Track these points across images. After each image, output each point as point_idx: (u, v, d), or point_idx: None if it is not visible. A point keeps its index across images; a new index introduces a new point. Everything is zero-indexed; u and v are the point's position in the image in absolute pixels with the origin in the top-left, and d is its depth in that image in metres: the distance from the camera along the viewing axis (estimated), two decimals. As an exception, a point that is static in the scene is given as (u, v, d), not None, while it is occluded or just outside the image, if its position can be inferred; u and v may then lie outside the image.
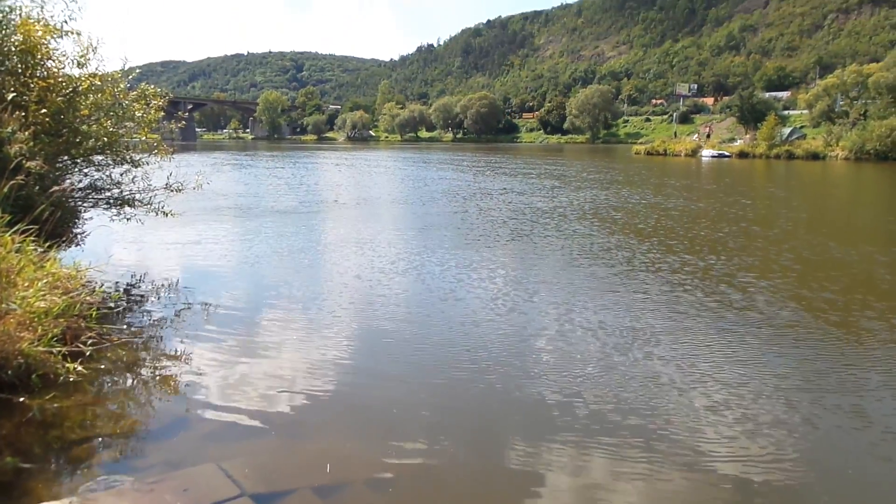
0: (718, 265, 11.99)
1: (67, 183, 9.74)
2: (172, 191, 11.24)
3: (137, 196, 10.98)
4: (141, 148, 10.99)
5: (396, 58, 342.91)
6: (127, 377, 6.49)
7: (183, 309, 8.85)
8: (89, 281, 7.67)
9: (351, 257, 12.64)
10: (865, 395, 6.15)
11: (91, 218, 10.87)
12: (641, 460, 4.93)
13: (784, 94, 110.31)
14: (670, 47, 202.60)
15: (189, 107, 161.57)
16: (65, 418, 5.37)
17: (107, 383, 6.27)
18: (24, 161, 7.54)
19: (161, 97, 11.30)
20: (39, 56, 9.26)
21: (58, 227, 8.30)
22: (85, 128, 9.72)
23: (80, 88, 9.63)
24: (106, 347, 6.55)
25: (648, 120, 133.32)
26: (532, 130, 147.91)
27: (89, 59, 9.89)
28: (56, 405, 5.46)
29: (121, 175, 10.95)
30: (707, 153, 63.69)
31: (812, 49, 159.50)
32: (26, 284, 6.06)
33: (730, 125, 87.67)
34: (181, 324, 8.20)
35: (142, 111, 10.70)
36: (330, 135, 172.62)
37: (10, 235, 6.68)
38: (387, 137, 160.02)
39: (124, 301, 9.03)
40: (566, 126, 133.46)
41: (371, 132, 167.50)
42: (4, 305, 5.61)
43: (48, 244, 7.43)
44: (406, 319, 8.58)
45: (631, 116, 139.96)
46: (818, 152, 57.52)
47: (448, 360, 7.00)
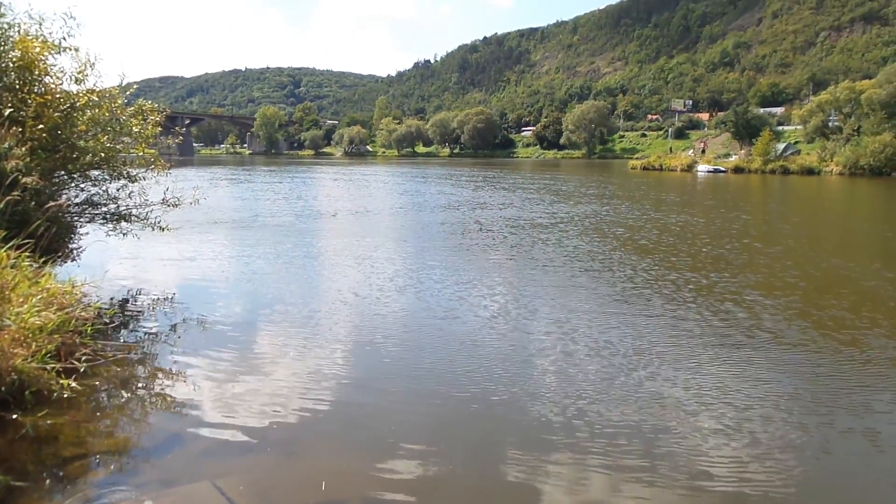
0: (722, 282, 11.81)
1: (64, 198, 9.72)
2: (169, 206, 11.22)
3: (134, 211, 10.97)
4: (138, 163, 10.99)
5: (394, 73, 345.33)
6: (122, 394, 6.44)
7: (178, 325, 8.81)
8: (84, 296, 7.63)
9: (348, 273, 12.61)
10: (878, 418, 6.02)
11: (87, 233, 10.84)
12: (643, 480, 4.88)
13: (778, 110, 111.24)
14: (665, 63, 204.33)
15: (187, 122, 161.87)
16: (58, 435, 5.32)
17: (101, 400, 6.22)
18: (21, 176, 7.53)
19: (158, 112, 11.32)
20: (37, 72, 9.29)
21: (53, 243, 8.27)
22: (82, 143, 9.73)
23: (78, 104, 9.65)
24: (101, 364, 6.50)
25: (644, 135, 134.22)
26: (528, 146, 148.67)
27: (87, 75, 9.93)
28: (50, 422, 5.41)
29: (117, 190, 10.93)
30: (703, 168, 64.05)
31: (805, 66, 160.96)
32: (21, 300, 6.03)
33: (725, 140, 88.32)
34: (177, 340, 8.16)
35: (139, 126, 10.71)
36: (327, 150, 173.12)
37: (6, 251, 6.66)
38: (384, 152, 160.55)
39: (120, 317, 8.98)
40: (562, 141, 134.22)
41: (368, 147, 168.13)
42: (-1, 321, 5.58)
43: (44, 259, 7.40)
44: (403, 336, 8.54)
45: (627, 132, 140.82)
46: (813, 167, 57.91)
47: (446, 378, 6.96)
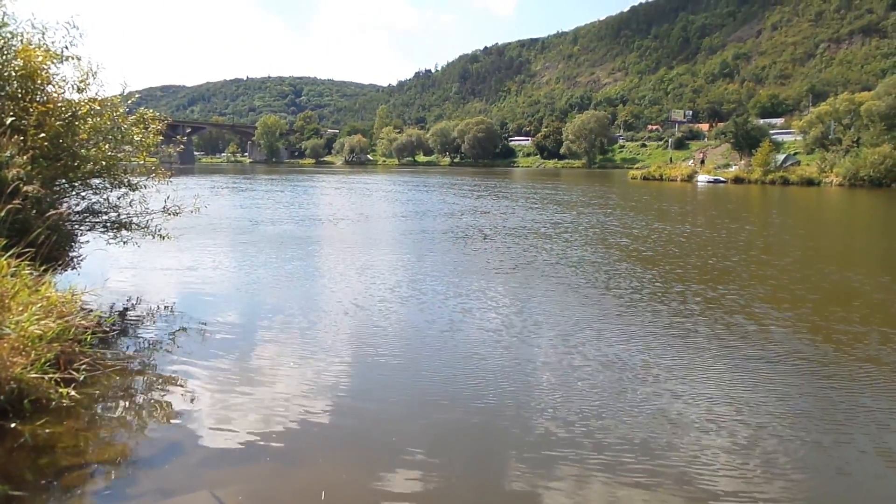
0: (730, 294, 11.63)
1: (65, 206, 9.75)
2: (170, 214, 11.25)
3: (134, 219, 11.00)
4: (139, 171, 11.03)
5: (394, 83, 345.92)
6: (120, 402, 6.42)
7: (178, 334, 8.80)
8: (84, 305, 7.62)
9: (349, 283, 12.59)
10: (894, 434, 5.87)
11: (88, 241, 10.86)
12: (648, 499, 4.83)
13: (778, 121, 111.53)
14: (665, 74, 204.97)
15: (188, 130, 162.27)
16: (57, 444, 5.31)
17: (100, 409, 6.21)
18: (22, 185, 7.54)
19: (160, 121, 11.37)
20: (39, 81, 9.33)
21: (54, 251, 8.27)
22: (83, 152, 9.77)
23: (80, 113, 9.69)
24: (100, 372, 6.49)
25: (644, 145, 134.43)
26: (529, 155, 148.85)
27: (89, 84, 9.98)
28: (48, 431, 5.39)
29: (118, 198, 10.97)
30: (703, 178, 64.12)
31: (805, 77, 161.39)
32: (21, 309, 6.03)
33: (724, 151, 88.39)
34: (176, 348, 8.14)
35: (140, 135, 10.76)
36: (328, 158, 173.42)
37: (6, 259, 6.67)
38: (384, 161, 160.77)
39: (119, 325, 8.98)
40: (563, 151, 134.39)
41: (369, 156, 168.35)
42: (-2, 330, 5.57)
43: (44, 268, 7.40)
44: (404, 346, 8.52)
45: (627, 142, 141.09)
46: (813, 178, 57.92)
47: (447, 389, 6.93)
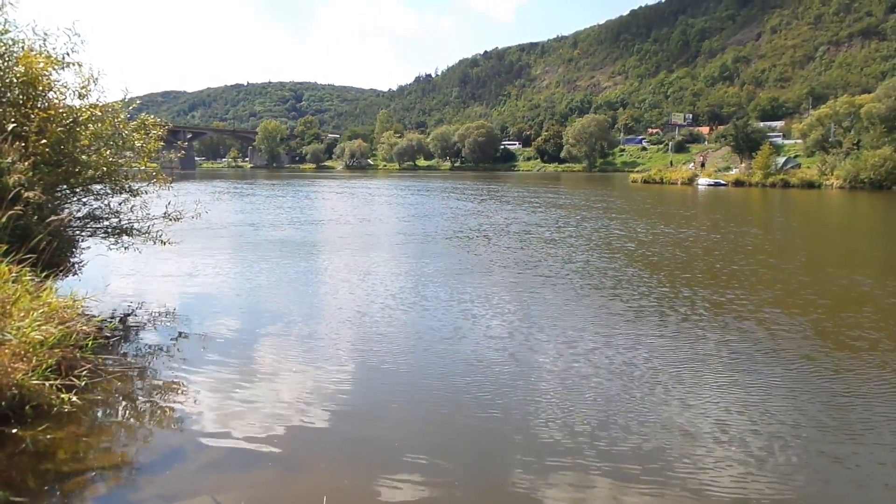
0: (739, 300, 11.44)
1: (66, 212, 9.76)
2: (171, 220, 11.26)
3: (136, 225, 11.01)
4: (140, 177, 11.05)
5: (395, 87, 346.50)
6: (122, 408, 6.43)
7: (179, 339, 8.81)
8: (86, 311, 7.62)
9: (351, 289, 12.57)
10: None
11: (89, 247, 10.86)
12: None
13: (778, 124, 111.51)
14: (665, 78, 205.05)
15: (189, 136, 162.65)
16: (58, 450, 5.30)
17: (101, 414, 6.20)
18: (23, 191, 7.56)
19: (161, 127, 11.39)
20: (41, 87, 9.35)
21: (55, 257, 8.28)
22: (84, 157, 9.78)
23: (81, 119, 9.72)
24: (101, 378, 6.49)
25: (644, 149, 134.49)
26: (529, 159, 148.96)
27: (90, 90, 10.01)
28: (49, 436, 5.39)
29: (119, 204, 10.98)
30: (703, 181, 64.15)
31: (804, 80, 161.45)
32: (22, 315, 6.03)
33: (725, 154, 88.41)
34: (177, 354, 8.15)
35: (141, 141, 10.78)
36: (328, 163, 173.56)
37: (7, 265, 6.67)
38: (385, 166, 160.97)
39: (121, 331, 8.98)
40: (563, 155, 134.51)
41: (369, 161, 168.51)
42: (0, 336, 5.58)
43: (45, 274, 7.41)
44: (407, 352, 8.48)
45: (627, 145, 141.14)
46: (813, 181, 57.96)
47: (450, 395, 6.91)
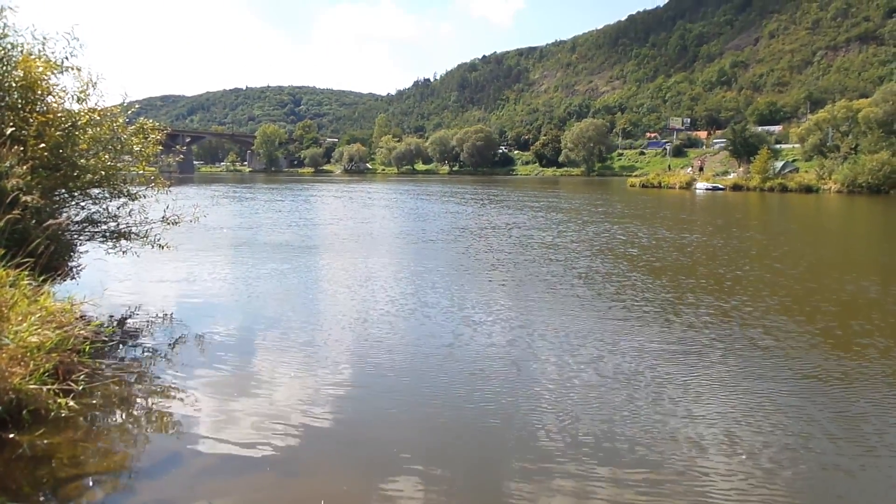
0: (745, 307, 11.26)
1: (64, 216, 9.75)
2: (169, 224, 11.25)
3: (134, 229, 10.99)
4: (138, 181, 11.04)
5: (393, 92, 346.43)
6: (119, 413, 6.41)
7: (177, 343, 8.79)
8: (83, 315, 7.61)
9: (350, 294, 12.54)
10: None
11: (87, 251, 10.85)
12: None
13: (776, 129, 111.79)
14: (663, 82, 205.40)
15: (187, 140, 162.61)
16: (55, 455, 5.29)
17: (99, 419, 6.19)
18: (21, 195, 7.55)
19: (159, 131, 11.39)
20: (39, 91, 9.35)
21: (53, 261, 8.27)
22: (83, 161, 9.78)
23: (79, 123, 9.71)
24: (98, 382, 6.48)
25: (643, 153, 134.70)
26: (528, 163, 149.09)
27: (89, 94, 10.00)
28: (46, 441, 5.38)
29: (118, 208, 10.96)
30: (701, 186, 64.25)
31: (802, 85, 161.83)
32: (19, 319, 6.02)
33: (723, 158, 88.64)
34: (175, 358, 8.13)
35: (140, 145, 10.78)
36: (327, 167, 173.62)
37: (5, 269, 6.66)
38: (383, 170, 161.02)
39: (118, 335, 8.95)
40: (561, 159, 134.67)
41: (368, 165, 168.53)
42: (-3, 340, 5.56)
43: (43, 278, 7.39)
44: (407, 357, 8.46)
45: (625, 150, 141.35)
46: (811, 185, 58.12)
47: (449, 400, 6.90)
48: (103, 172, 10.09)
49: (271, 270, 14.94)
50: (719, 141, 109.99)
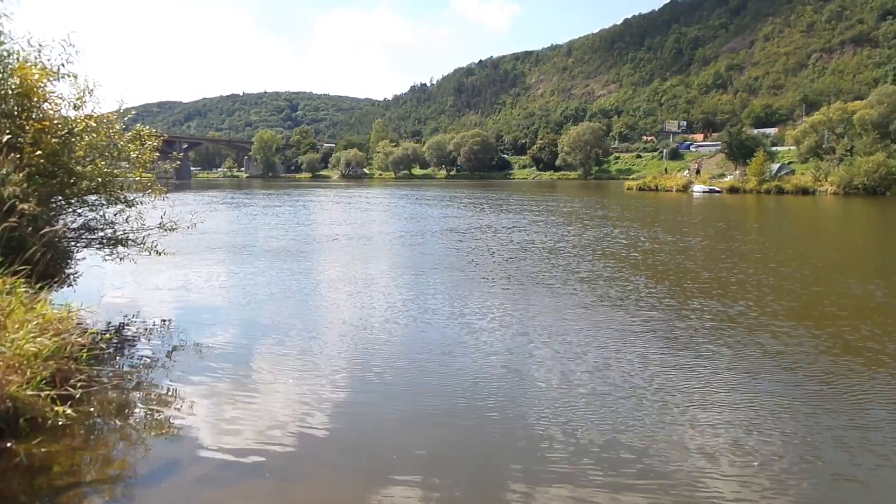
0: (752, 312, 11.04)
1: (61, 223, 9.73)
2: (166, 230, 11.24)
3: (131, 236, 10.97)
4: (135, 188, 11.03)
5: (390, 97, 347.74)
6: (117, 420, 6.38)
7: (175, 350, 8.76)
8: (80, 322, 7.58)
9: (349, 300, 12.51)
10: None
11: (84, 258, 10.82)
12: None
13: (772, 131, 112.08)
14: (659, 86, 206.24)
15: (184, 146, 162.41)
16: (53, 463, 5.26)
17: (97, 427, 6.16)
18: (18, 202, 7.53)
19: (156, 137, 11.37)
20: (36, 98, 9.34)
21: (50, 268, 8.25)
22: (80, 168, 9.77)
23: (76, 130, 9.70)
24: (96, 390, 6.45)
25: (639, 156, 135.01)
26: (525, 167, 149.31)
27: (85, 101, 9.99)
28: (44, 450, 5.34)
29: (114, 215, 10.95)
30: (698, 188, 64.33)
31: (797, 87, 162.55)
32: (16, 326, 5.99)
33: (719, 161, 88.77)
34: (173, 365, 8.10)
35: (137, 151, 10.76)
36: (324, 173, 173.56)
37: (2, 277, 6.64)
38: (381, 175, 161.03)
39: (116, 342, 8.93)
40: (558, 163, 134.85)
41: (365, 170, 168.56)
42: (-6, 348, 5.53)
43: (40, 285, 7.37)
44: (406, 364, 8.40)
45: (622, 153, 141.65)
46: (807, 187, 58.20)
47: (449, 407, 6.85)
48: (100, 179, 10.07)
49: (269, 277, 14.91)
50: (712, 144, 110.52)
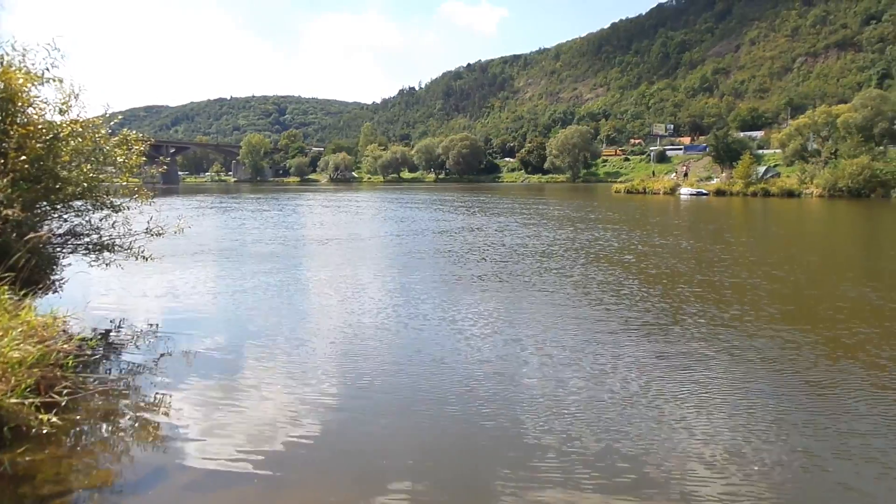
0: (747, 316, 10.91)
1: (45, 229, 9.63)
2: (153, 235, 11.16)
3: (117, 241, 10.88)
4: (122, 192, 10.94)
5: (379, 101, 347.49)
6: (103, 428, 6.32)
7: (163, 356, 8.70)
8: (66, 329, 7.51)
9: (338, 305, 12.46)
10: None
11: (70, 264, 10.73)
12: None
13: (758, 134, 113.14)
14: (646, 89, 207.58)
15: (171, 150, 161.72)
16: (37, 472, 5.20)
17: (82, 434, 6.10)
18: (2, 208, 7.46)
19: (143, 142, 11.30)
20: (20, 103, 9.25)
21: (34, 274, 8.17)
22: (65, 174, 9.67)
23: (61, 134, 9.61)
24: (82, 397, 6.38)
25: (627, 159, 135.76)
26: (513, 170, 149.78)
27: (71, 106, 9.90)
28: (28, 458, 5.29)
29: (100, 220, 10.85)
30: (685, 191, 64.78)
31: (783, 91, 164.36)
32: (0, 333, 5.93)
33: (706, 164, 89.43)
34: (160, 371, 8.04)
35: (123, 156, 10.68)
36: (313, 176, 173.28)
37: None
38: (369, 179, 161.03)
39: (102, 349, 8.85)
40: (546, 166, 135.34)
41: (354, 174, 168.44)
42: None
43: (24, 292, 7.30)
44: (396, 370, 8.35)
45: (610, 156, 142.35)
46: (793, 190, 58.74)
47: (440, 413, 6.82)
48: (86, 184, 9.97)
49: (258, 282, 14.82)
50: (696, 148, 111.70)
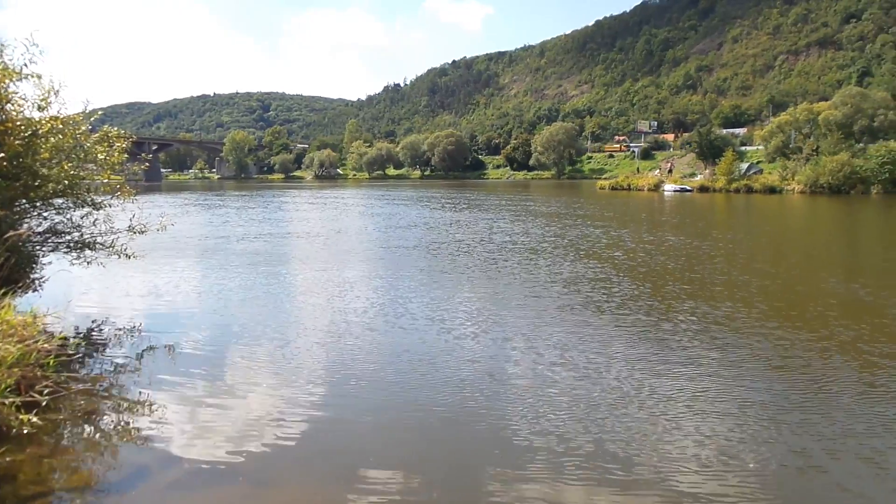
0: (738, 314, 10.86)
1: (25, 227, 9.51)
2: (135, 233, 11.05)
3: (99, 239, 10.76)
4: (103, 190, 10.82)
5: (364, 97, 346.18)
6: (85, 427, 6.27)
7: (145, 355, 8.63)
8: (47, 328, 7.43)
9: (324, 302, 12.42)
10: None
11: (50, 262, 10.60)
12: None
13: (740, 131, 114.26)
14: (630, 86, 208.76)
15: (154, 147, 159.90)
16: (18, 473, 5.15)
17: (64, 434, 6.05)
18: (-19, 206, 7.35)
19: (124, 139, 11.18)
20: (-3, 99, 9.11)
21: (14, 273, 8.06)
22: (45, 171, 9.54)
23: (41, 131, 9.48)
24: (63, 397, 6.32)
25: (612, 156, 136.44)
26: (499, 167, 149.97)
27: (50, 102, 9.76)
28: (9, 459, 5.23)
29: (82, 218, 10.73)
30: (669, 187, 65.28)
31: (765, 88, 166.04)
32: (-21, 333, 5.85)
33: (690, 160, 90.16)
34: (143, 370, 7.98)
35: (104, 153, 10.56)
36: (298, 173, 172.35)
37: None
38: (354, 175, 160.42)
39: (84, 348, 8.77)
40: (532, 163, 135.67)
41: (339, 170, 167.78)
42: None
43: (3, 291, 7.20)
44: (382, 368, 8.32)
45: (594, 153, 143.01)
46: (775, 186, 59.44)
47: (426, 411, 6.82)
48: (66, 182, 9.85)
49: (242, 280, 14.74)
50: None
